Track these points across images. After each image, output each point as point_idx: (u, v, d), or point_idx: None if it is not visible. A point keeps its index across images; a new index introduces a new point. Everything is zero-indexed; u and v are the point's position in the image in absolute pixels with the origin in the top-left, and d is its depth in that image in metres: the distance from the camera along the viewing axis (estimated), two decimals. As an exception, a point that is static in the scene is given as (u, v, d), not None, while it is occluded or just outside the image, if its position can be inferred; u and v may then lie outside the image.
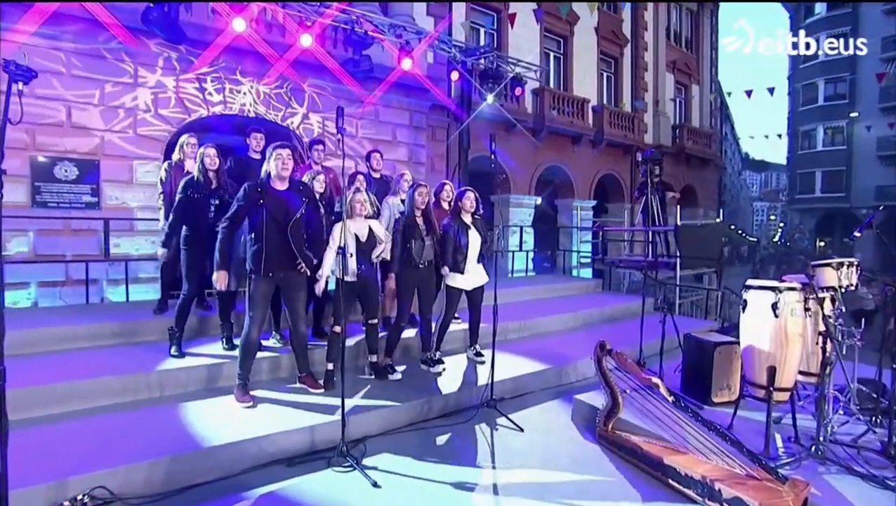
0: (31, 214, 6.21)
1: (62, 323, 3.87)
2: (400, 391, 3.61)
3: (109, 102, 6.70)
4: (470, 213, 4.17)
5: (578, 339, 5.31)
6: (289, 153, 3.21)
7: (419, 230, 3.88)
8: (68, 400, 2.96)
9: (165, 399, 3.23)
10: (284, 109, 8.20)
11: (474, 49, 9.04)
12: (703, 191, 17.43)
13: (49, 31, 6.25)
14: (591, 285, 7.81)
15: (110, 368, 3.31)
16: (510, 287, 7.13)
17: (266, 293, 3.25)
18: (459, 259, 4.10)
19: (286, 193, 3.23)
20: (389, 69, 8.36)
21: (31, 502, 2.21)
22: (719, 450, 2.40)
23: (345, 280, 3.60)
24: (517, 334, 5.36)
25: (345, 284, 3.61)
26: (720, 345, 3.34)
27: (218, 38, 6.63)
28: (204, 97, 7.44)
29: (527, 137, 12.66)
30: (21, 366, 3.25)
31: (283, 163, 3.17)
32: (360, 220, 3.67)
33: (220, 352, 3.76)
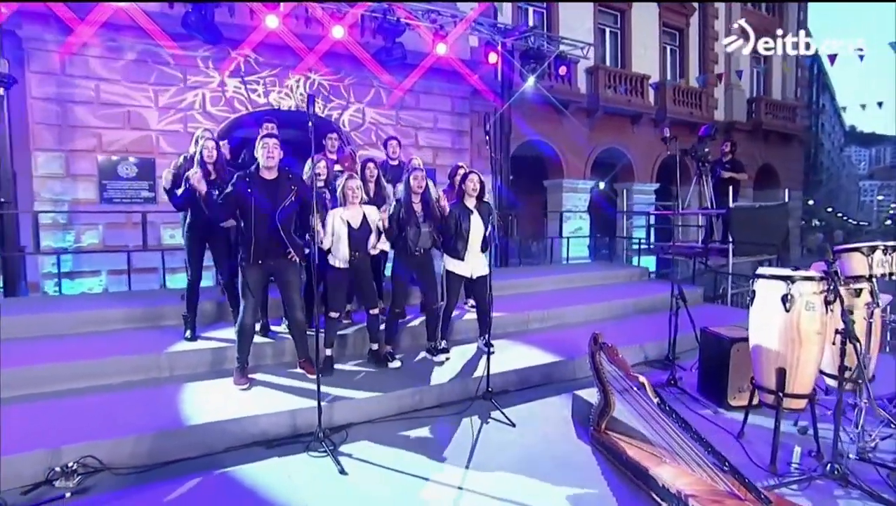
0: (100, 210, 6.89)
1: (98, 307, 4.25)
2: (395, 380, 3.59)
3: (162, 104, 7.25)
4: (474, 196, 4.01)
5: (606, 331, 4.89)
6: (275, 143, 3.26)
7: (415, 217, 3.79)
8: (80, 377, 3.25)
9: (171, 379, 3.45)
10: (325, 102, 8.40)
11: (513, 29, 8.71)
12: (786, 170, 15.69)
13: (111, 43, 6.85)
14: (637, 274, 7.30)
15: (126, 348, 3.59)
16: (542, 275, 6.86)
17: (258, 280, 3.33)
18: (460, 245, 3.97)
19: (274, 182, 3.29)
20: (425, 55, 8.28)
21: (30, 465, 2.44)
22: (703, 461, 2.12)
23: (336, 266, 3.62)
24: (539, 324, 5.14)
25: (336, 270, 3.63)
26: (737, 341, 2.95)
27: (253, 35, 6.91)
28: (248, 95, 7.80)
29: (581, 119, 12.08)
30: (50, 345, 3.63)
31: (268, 152, 3.22)
32: (354, 207, 3.66)
33: (232, 337, 3.93)
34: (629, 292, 6.13)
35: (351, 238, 3.60)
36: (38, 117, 6.76)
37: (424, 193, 3.84)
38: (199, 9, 6.14)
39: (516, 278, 6.54)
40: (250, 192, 3.20)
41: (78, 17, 6.39)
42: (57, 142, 6.81)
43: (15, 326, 3.77)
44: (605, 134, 12.48)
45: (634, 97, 12.45)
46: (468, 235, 3.97)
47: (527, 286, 6.37)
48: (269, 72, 7.89)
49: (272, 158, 3.23)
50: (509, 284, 6.22)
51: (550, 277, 6.73)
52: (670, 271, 10.72)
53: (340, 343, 4.06)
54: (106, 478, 2.53)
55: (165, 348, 3.63)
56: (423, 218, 3.83)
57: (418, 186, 3.78)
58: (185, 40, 6.93)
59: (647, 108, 12.53)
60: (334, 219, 3.59)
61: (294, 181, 3.36)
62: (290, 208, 3.31)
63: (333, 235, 3.57)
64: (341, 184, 3.65)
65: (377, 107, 8.92)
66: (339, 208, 3.65)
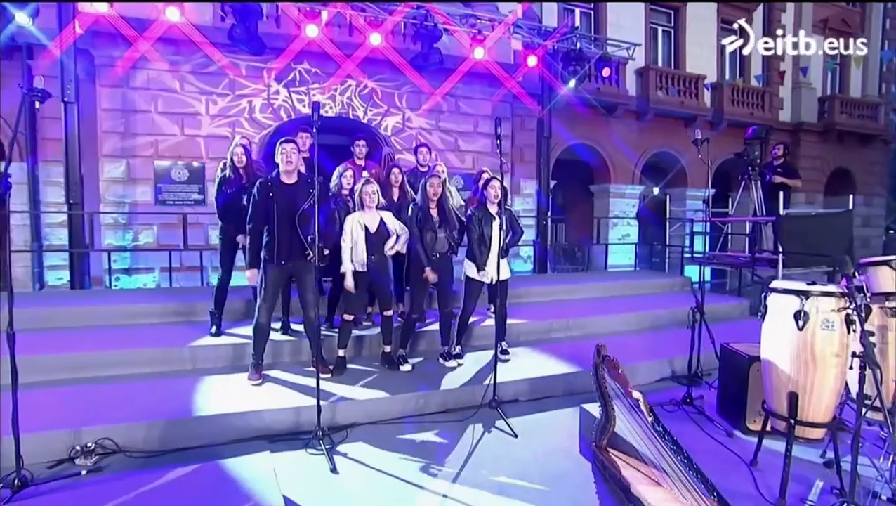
0: (155, 211, 7.44)
1: (139, 302, 4.58)
2: (403, 383, 3.61)
3: (213, 112, 7.71)
4: (495, 203, 3.97)
5: (634, 342, 4.76)
6: (293, 147, 3.39)
7: (432, 222, 3.81)
8: (110, 365, 3.53)
9: (192, 372, 3.65)
10: (367, 109, 8.60)
11: (553, 31, 8.55)
12: (864, 174, 14.32)
13: (169, 57, 7.40)
14: (678, 283, 6.93)
15: (155, 341, 3.85)
16: (577, 282, 6.66)
17: (277, 281, 3.47)
18: (481, 251, 3.94)
19: (294, 187, 3.41)
20: (463, 60, 8.31)
21: (54, 442, 2.67)
22: (692, 486, 1.97)
23: (354, 269, 3.69)
24: (563, 333, 4.99)
25: (354, 274, 3.71)
26: (757, 360, 2.71)
27: (295, 45, 7.22)
28: (293, 102, 8.15)
29: (629, 123, 11.67)
30: (89, 335, 3.95)
31: (286, 157, 3.35)
32: (371, 211, 3.72)
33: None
34: (665, 303, 5.82)
35: (368, 242, 3.67)
36: (106, 127, 7.40)
37: (441, 199, 3.85)
38: (243, 22, 6.49)
39: (550, 285, 6.39)
40: (272, 196, 3.34)
41: (139, 33, 6.95)
42: (120, 149, 7.42)
43: (64, 316, 4.14)
44: (655, 138, 11.95)
45: (688, 98, 11.85)
46: (490, 240, 3.94)
47: (560, 294, 6.20)
48: (312, 80, 8.19)
49: (290, 164, 3.36)
50: (541, 290, 6.10)
51: (586, 285, 6.52)
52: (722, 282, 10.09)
53: (357, 344, 4.15)
54: (119, 460, 2.73)
55: (189, 343, 3.85)
56: (440, 223, 3.84)
57: (434, 193, 3.80)
58: (234, 53, 7.37)
59: (702, 110, 11.87)
60: (353, 223, 3.67)
61: (312, 186, 3.46)
62: (309, 212, 3.41)
63: (352, 239, 3.66)
64: (358, 189, 3.73)
65: (417, 112, 9.03)
66: (357, 213, 3.73)
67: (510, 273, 4.18)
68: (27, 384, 2.81)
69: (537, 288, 6.11)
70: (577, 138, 11.10)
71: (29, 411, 2.48)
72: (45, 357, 3.44)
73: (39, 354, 3.41)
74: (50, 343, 3.66)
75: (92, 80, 7.30)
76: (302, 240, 3.39)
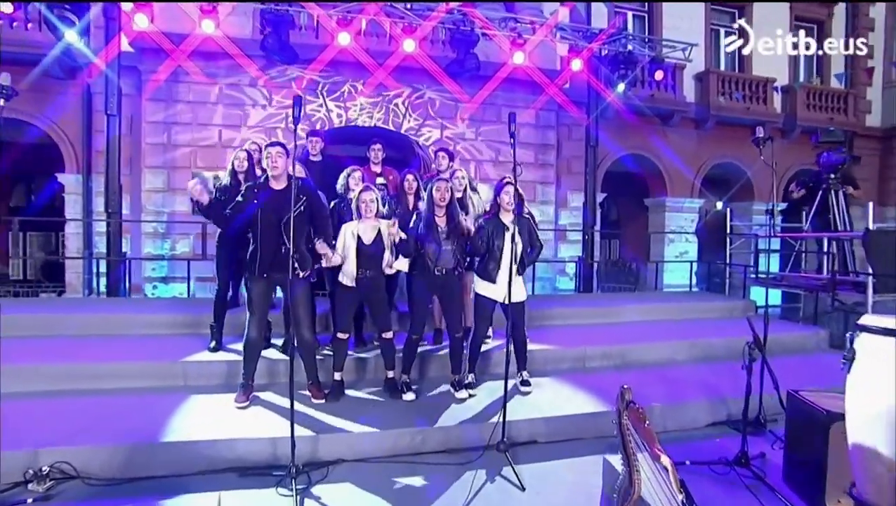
0: (193, 220, 7.53)
1: (148, 312, 4.47)
2: (401, 414, 3.19)
3: (250, 123, 7.77)
4: (510, 211, 3.50)
5: (683, 376, 4.08)
6: (278, 151, 3.11)
7: (436, 233, 3.39)
8: (96, 378, 3.35)
9: (182, 388, 3.42)
10: (404, 119, 8.40)
11: (599, 32, 7.98)
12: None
13: (207, 70, 7.57)
14: (739, 307, 6.06)
15: (147, 353, 3.66)
16: (623, 303, 5.97)
17: (263, 295, 3.19)
18: (491, 265, 3.48)
19: (281, 193, 3.13)
20: (501, 66, 7.93)
21: (11, 462, 2.47)
22: None
23: (343, 284, 3.34)
24: (599, 362, 4.38)
25: (344, 288, 3.36)
26: (840, 419, 2.05)
27: (328, 53, 7.14)
28: (327, 113, 8.09)
29: (687, 131, 10.79)
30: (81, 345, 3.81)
31: (272, 161, 3.08)
32: (369, 221, 3.37)
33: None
34: (723, 330, 5.04)
35: (360, 254, 3.31)
36: (150, 139, 7.63)
37: (450, 207, 3.43)
38: (276, 32, 6.46)
39: (590, 306, 5.77)
40: (256, 202, 3.08)
41: (180, 47, 7.14)
42: (162, 160, 7.62)
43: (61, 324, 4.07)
44: (717, 147, 10.96)
45: (755, 104, 10.79)
46: (500, 253, 3.47)
47: (600, 316, 5.56)
48: (349, 90, 8.11)
49: (276, 168, 3.09)
50: (579, 312, 5.49)
51: (632, 307, 5.83)
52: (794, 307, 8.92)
53: (359, 366, 3.79)
54: (76, 486, 2.49)
55: (184, 357, 3.63)
56: (447, 235, 3.42)
57: (441, 199, 3.38)
58: (272, 65, 7.41)
59: (772, 116, 10.74)
60: (345, 233, 3.34)
61: (303, 191, 3.17)
62: (297, 220, 3.11)
63: (343, 250, 3.32)
64: (355, 195, 3.40)
65: (455, 121, 8.73)
66: (352, 222, 3.40)
67: (526, 293, 3.66)
68: None
69: (574, 309, 5.52)
70: (629, 149, 10.38)
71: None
72: (23, 367, 3.31)
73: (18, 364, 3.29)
74: (34, 352, 3.56)
75: (140, 96, 7.58)
76: (288, 251, 3.09)
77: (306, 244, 3.20)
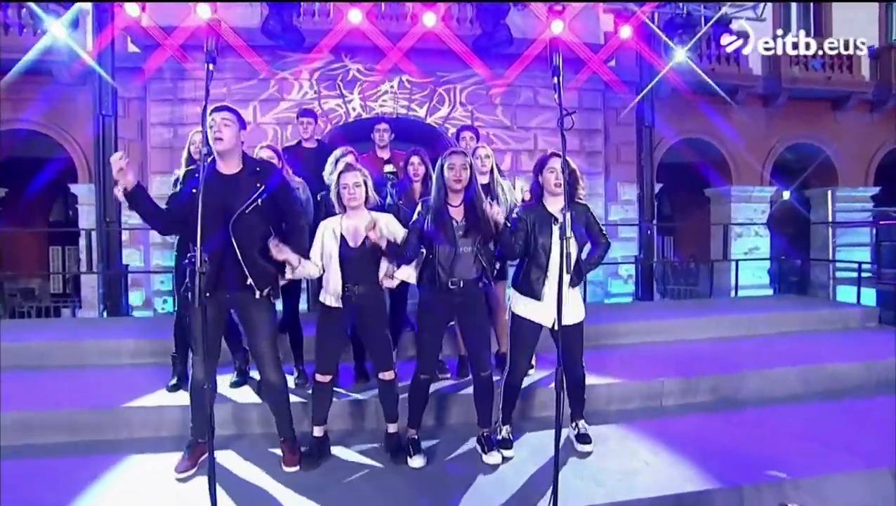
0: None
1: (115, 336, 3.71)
2: (404, 494, 2.23)
3: (259, 119, 7.09)
4: (560, 194, 2.48)
5: (811, 425, 2.91)
6: (225, 117, 2.24)
7: (450, 228, 2.40)
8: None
9: (118, 445, 2.58)
10: (429, 107, 7.51)
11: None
12: None
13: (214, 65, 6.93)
14: (856, 317, 4.76)
15: (82, 393, 2.84)
16: (693, 314, 4.78)
17: (211, 320, 2.30)
18: (534, 274, 2.46)
19: (233, 178, 2.26)
20: (535, 42, 6.88)
21: None
22: None
23: (327, 304, 2.41)
24: (682, 400, 3.28)
25: (327, 311, 2.43)
26: None
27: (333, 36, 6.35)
28: (345, 105, 7.32)
29: (754, 108, 9.37)
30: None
31: (216, 131, 2.20)
32: (357, 214, 2.43)
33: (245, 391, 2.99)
34: (844, 348, 3.81)
35: (346, 262, 2.37)
36: (155, 142, 7.10)
37: (469, 192, 2.45)
38: (278, 13, 5.71)
39: (656, 319, 4.61)
40: (195, 192, 2.21)
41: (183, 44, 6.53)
42: (169, 164, 7.01)
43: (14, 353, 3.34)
44: (790, 126, 9.48)
45: (837, 72, 9.24)
46: (548, 256, 2.46)
47: (670, 331, 4.40)
48: (364, 77, 7.31)
49: (221, 140, 2.21)
50: (643, 327, 4.37)
51: (709, 318, 4.66)
52: None
53: (355, 411, 2.87)
54: None
55: (133, 400, 2.80)
56: (466, 231, 2.43)
57: (456, 180, 2.40)
58: (279, 57, 6.71)
59: (859, 86, 9.16)
60: (324, 233, 2.42)
61: (263, 176, 2.28)
62: (253, 217, 2.23)
63: (323, 257, 2.39)
64: (333, 178, 2.47)
65: (486, 106, 7.75)
66: (333, 218, 2.48)
67: (584, 311, 2.61)
68: None
69: (636, 323, 4.40)
70: (685, 133, 9.09)
71: None
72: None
73: None
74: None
75: (146, 98, 7.07)
76: (240, 260, 2.20)
77: (265, 249, 2.31)
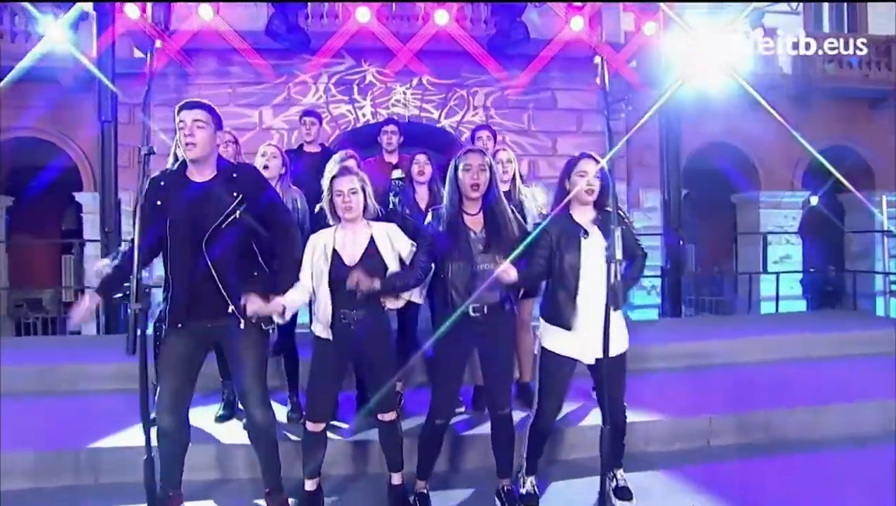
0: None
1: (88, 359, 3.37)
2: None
3: (266, 125, 6.86)
4: (589, 203, 2.11)
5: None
6: (198, 116, 1.90)
7: (467, 241, 2.03)
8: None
9: (82, 491, 2.23)
10: (443, 111, 7.19)
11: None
12: None
13: (220, 69, 6.73)
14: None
15: (43, 435, 2.50)
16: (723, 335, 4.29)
17: (179, 355, 1.95)
18: (561, 297, 2.07)
19: (206, 186, 1.92)
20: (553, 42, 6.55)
21: None
22: None
23: (318, 336, 2.05)
24: (734, 440, 2.85)
25: (320, 344, 2.06)
26: None
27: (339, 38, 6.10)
28: (354, 109, 7.05)
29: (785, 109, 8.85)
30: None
31: (186, 132, 1.87)
32: (351, 225, 2.07)
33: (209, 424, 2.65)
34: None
35: (338, 284, 2.00)
36: (158, 150, 6.82)
37: (488, 196, 2.07)
38: (282, 14, 5.46)
39: (693, 339, 4.15)
40: (160, 204, 1.88)
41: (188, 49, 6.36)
42: (173, 171, 6.82)
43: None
44: (822, 127, 8.96)
45: (874, 70, 8.77)
46: (577, 276, 2.06)
47: (703, 355, 3.91)
48: (374, 80, 7.03)
49: (193, 147, 1.88)
50: (679, 349, 3.91)
51: (745, 340, 4.17)
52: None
53: (357, 454, 2.49)
54: None
55: (103, 438, 2.45)
56: (486, 244, 2.04)
57: (473, 183, 2.02)
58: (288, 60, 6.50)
59: None
60: (314, 248, 2.06)
61: (242, 184, 1.94)
62: (231, 233, 1.89)
63: (314, 277, 2.03)
64: (326, 182, 2.12)
65: (501, 108, 7.41)
66: (325, 231, 2.12)
67: (626, 339, 2.19)
68: None
69: (669, 345, 3.96)
70: (709, 136, 8.65)
71: None
72: None
73: None
74: None
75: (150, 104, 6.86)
76: (218, 285, 1.86)
77: (249, 270, 1.95)
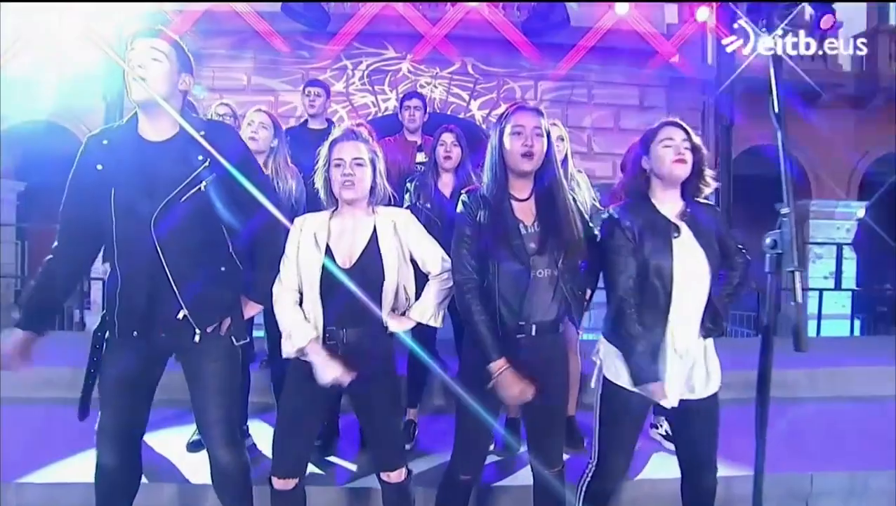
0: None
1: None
2: None
3: (281, 109, 6.48)
4: (675, 189, 1.56)
5: None
6: (153, 46, 1.40)
7: (517, 236, 1.47)
8: None
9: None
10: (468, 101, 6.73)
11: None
12: None
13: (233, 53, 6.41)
14: None
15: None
16: (804, 363, 3.58)
17: (122, 373, 1.45)
18: (647, 318, 1.50)
19: (162, 147, 1.42)
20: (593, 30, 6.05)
21: None
22: None
23: (298, 361, 1.50)
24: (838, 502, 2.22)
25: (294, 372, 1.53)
26: None
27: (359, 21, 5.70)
28: (376, 97, 6.64)
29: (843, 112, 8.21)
30: None
31: (139, 66, 1.36)
32: (351, 211, 1.55)
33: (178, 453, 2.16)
34: None
35: (330, 291, 1.48)
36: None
37: (545, 175, 1.51)
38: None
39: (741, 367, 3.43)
40: (101, 169, 1.38)
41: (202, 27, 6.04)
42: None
43: None
44: (885, 131, 8.18)
45: (947, 69, 8.04)
46: (668, 289, 1.49)
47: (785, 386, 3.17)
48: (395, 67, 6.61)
49: (142, 81, 1.36)
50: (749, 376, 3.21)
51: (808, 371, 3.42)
52: None
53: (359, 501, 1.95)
54: None
55: (35, 470, 1.96)
56: (540, 245, 1.49)
57: (525, 154, 1.45)
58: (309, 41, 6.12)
59: (975, 86, 7.88)
60: (299, 239, 1.52)
61: (213, 146, 1.44)
62: (191, 209, 1.39)
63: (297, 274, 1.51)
64: (322, 154, 1.59)
65: (538, 102, 6.91)
66: (315, 215, 1.58)
67: (720, 377, 1.58)
68: None
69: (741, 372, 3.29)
70: (755, 140, 7.97)
71: None
72: None
73: None
74: None
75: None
76: (170, 282, 1.36)
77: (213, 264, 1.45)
